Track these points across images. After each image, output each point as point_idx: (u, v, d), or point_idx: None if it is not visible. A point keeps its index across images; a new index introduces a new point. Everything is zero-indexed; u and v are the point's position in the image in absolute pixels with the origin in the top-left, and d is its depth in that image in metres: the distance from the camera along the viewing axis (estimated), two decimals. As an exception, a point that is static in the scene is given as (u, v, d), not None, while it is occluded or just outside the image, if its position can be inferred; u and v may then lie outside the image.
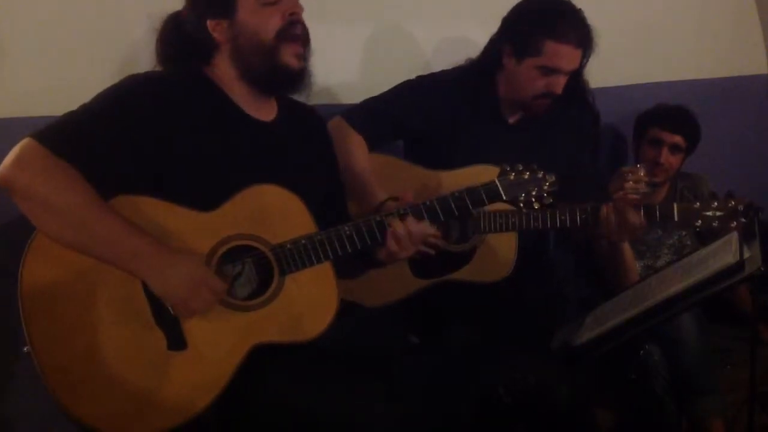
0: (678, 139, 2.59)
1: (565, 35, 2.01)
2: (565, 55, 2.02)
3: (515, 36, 2.09)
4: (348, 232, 1.59)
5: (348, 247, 1.59)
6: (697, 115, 2.66)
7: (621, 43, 2.24)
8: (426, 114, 2.13)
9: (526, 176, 1.66)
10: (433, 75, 2.25)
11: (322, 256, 1.58)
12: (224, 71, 1.66)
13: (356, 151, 2.06)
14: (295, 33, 1.63)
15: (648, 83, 2.97)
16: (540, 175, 1.67)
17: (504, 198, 1.65)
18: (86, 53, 2.11)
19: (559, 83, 2.06)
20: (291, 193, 1.59)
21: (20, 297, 1.44)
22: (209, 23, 1.62)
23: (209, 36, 1.63)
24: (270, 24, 1.60)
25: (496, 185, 1.65)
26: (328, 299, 1.59)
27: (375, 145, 2.13)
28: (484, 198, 1.65)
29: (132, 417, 1.45)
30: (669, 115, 2.63)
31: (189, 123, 1.57)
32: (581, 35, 2.03)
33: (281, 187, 1.58)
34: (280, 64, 1.62)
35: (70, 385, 1.43)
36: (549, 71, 2.05)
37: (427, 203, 1.64)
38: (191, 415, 1.47)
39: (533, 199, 1.66)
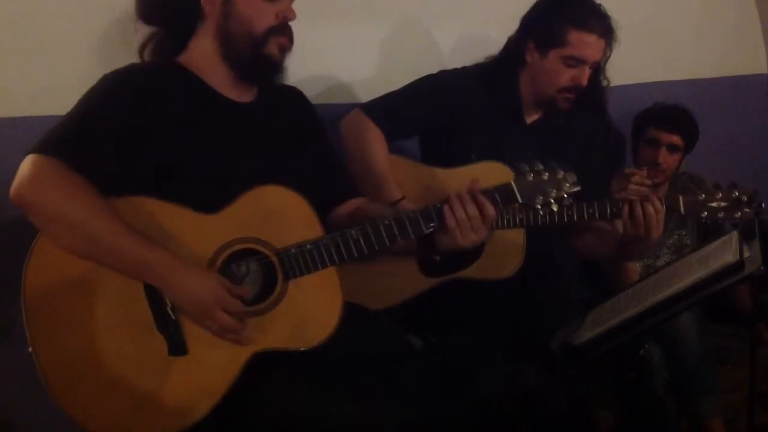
0: (675, 138, 2.58)
1: (589, 24, 2.03)
2: (590, 45, 2.04)
3: (538, 29, 2.11)
4: (355, 237, 1.56)
5: (355, 252, 1.56)
6: (697, 115, 2.66)
7: (621, 42, 2.24)
8: (446, 109, 2.14)
9: (545, 177, 1.61)
10: (454, 71, 2.25)
11: (327, 261, 1.55)
12: (203, 48, 1.65)
13: (374, 146, 2.06)
14: (284, 32, 1.65)
15: (648, 83, 2.97)
16: (560, 175, 1.62)
17: (519, 200, 1.60)
18: (84, 53, 2.11)
19: (585, 75, 2.07)
20: (296, 194, 1.57)
21: (23, 299, 1.44)
22: None
23: (197, 5, 1.62)
24: (263, 19, 1.61)
25: (512, 187, 1.60)
26: (331, 306, 1.57)
27: (393, 139, 2.13)
28: (498, 200, 1.60)
29: (131, 421, 1.45)
30: (666, 114, 2.62)
31: (171, 113, 1.57)
32: (604, 25, 2.06)
33: (286, 189, 1.57)
34: (264, 54, 1.63)
35: (70, 388, 1.43)
36: (574, 62, 2.06)
37: (438, 205, 1.60)
38: (190, 422, 1.46)
39: (552, 201, 1.61)
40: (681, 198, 1.94)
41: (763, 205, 1.89)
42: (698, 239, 2.67)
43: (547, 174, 1.61)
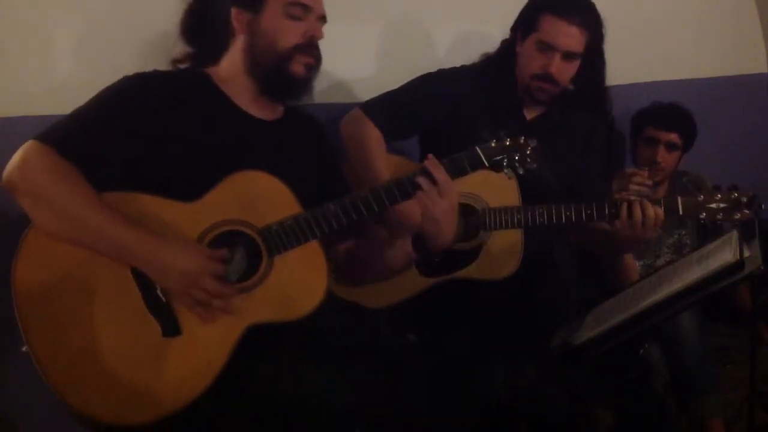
0: (673, 136, 2.58)
1: (562, 11, 2.05)
2: (560, 31, 2.05)
3: (522, 17, 2.15)
4: (333, 210, 1.60)
5: (334, 224, 1.60)
6: (697, 114, 2.65)
7: (621, 42, 2.25)
8: (445, 108, 2.15)
9: (507, 142, 1.68)
10: (453, 69, 2.27)
11: (309, 234, 1.59)
12: (231, 63, 1.69)
13: (373, 146, 2.07)
14: (311, 51, 1.68)
15: (648, 82, 2.97)
16: (521, 140, 1.69)
17: (486, 165, 1.67)
18: (91, 53, 2.12)
19: (555, 63, 2.07)
20: (274, 177, 1.61)
21: (14, 296, 1.46)
22: (233, 10, 1.66)
23: (229, 22, 1.67)
24: (289, 37, 1.65)
25: (478, 152, 1.67)
26: (317, 276, 1.61)
27: (393, 138, 2.13)
28: (467, 166, 1.66)
29: (134, 406, 1.47)
30: (663, 113, 2.62)
31: (183, 121, 1.60)
32: (582, 15, 2.06)
33: (264, 173, 1.60)
34: (288, 72, 1.67)
35: (70, 381, 1.45)
36: (545, 47, 2.07)
37: (410, 175, 1.64)
38: (190, 400, 1.48)
39: (517, 164, 1.68)
40: (679, 199, 1.95)
41: (762, 206, 1.89)
42: (698, 239, 2.66)
43: (509, 140, 1.69)
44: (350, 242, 1.82)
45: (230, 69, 1.70)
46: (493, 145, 1.68)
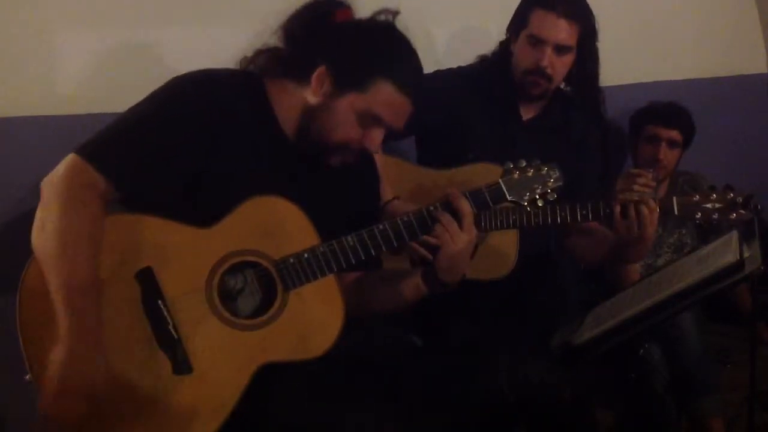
0: (674, 133, 2.60)
1: (550, 4, 2.06)
2: (549, 24, 2.06)
3: (515, 16, 2.17)
4: (351, 243, 1.54)
5: (352, 258, 1.54)
6: (698, 114, 2.66)
7: (621, 42, 2.25)
8: (442, 109, 2.14)
9: (530, 174, 1.63)
10: (449, 70, 2.27)
11: (326, 269, 1.53)
12: (288, 99, 1.59)
13: None
14: (354, 155, 1.60)
15: (648, 82, 2.98)
16: (544, 171, 1.63)
17: (508, 198, 1.61)
18: (92, 53, 2.12)
19: (547, 56, 2.08)
20: (292, 204, 1.54)
21: (18, 324, 1.38)
22: (322, 67, 1.53)
23: (312, 71, 1.55)
24: (347, 135, 1.55)
25: (500, 186, 1.61)
26: (333, 314, 1.55)
27: (389, 138, 2.13)
28: (489, 200, 1.60)
29: None
30: (662, 111, 2.64)
31: (224, 134, 1.52)
32: (570, 8, 2.08)
33: (281, 198, 1.54)
34: (325, 159, 1.59)
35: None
36: (536, 41, 2.09)
37: (431, 208, 1.58)
38: None
39: (537, 197, 1.63)
40: (675, 199, 1.95)
41: (759, 207, 1.89)
42: (698, 238, 2.67)
43: (532, 171, 1.63)
44: (358, 273, 1.73)
45: (287, 102, 1.58)
46: (516, 176, 1.62)
